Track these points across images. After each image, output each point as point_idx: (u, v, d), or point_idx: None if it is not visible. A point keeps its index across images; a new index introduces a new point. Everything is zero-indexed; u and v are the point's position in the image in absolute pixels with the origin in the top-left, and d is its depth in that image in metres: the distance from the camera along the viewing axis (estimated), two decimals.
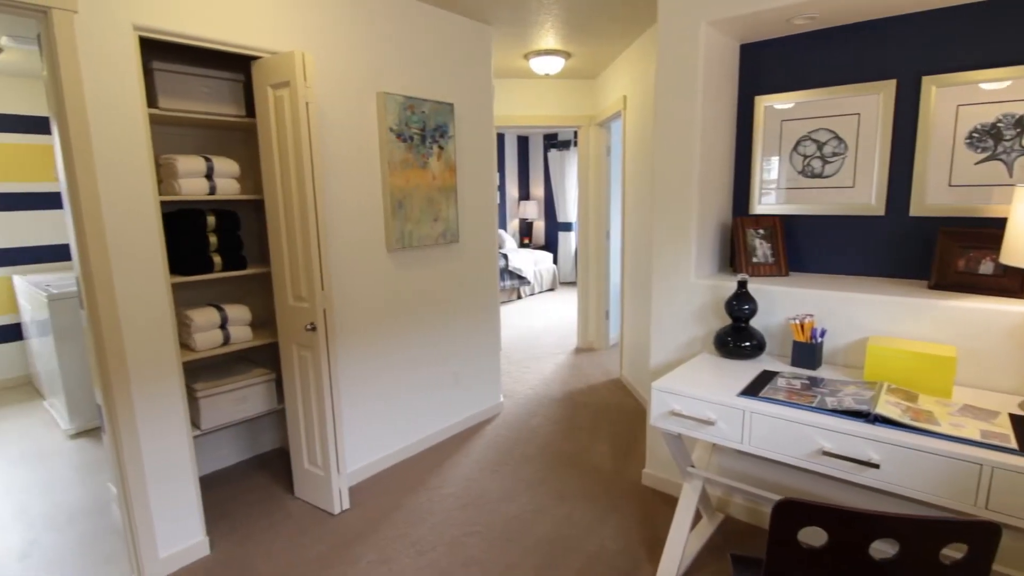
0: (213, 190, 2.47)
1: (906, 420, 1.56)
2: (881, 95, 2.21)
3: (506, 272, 7.60)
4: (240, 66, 2.66)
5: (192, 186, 2.39)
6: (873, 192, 2.27)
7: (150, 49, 2.33)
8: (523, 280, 7.81)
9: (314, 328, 2.43)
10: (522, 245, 9.51)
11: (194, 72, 2.39)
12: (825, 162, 2.37)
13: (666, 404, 1.94)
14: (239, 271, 2.59)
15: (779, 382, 1.91)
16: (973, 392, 1.81)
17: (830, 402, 1.71)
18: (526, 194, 9.73)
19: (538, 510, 2.62)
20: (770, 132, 2.49)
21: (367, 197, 2.82)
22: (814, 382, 1.91)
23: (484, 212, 3.53)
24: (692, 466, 2.14)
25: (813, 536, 1.98)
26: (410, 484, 2.88)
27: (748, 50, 2.51)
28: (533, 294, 8.21)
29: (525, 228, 9.60)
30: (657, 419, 1.97)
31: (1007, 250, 1.71)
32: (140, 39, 2.06)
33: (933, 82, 2.09)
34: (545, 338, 5.77)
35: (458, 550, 2.34)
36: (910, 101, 2.16)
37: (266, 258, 2.95)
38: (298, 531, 2.48)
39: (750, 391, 1.84)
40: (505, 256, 7.73)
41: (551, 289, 8.53)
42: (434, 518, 2.57)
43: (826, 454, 1.61)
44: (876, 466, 1.52)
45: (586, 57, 4.20)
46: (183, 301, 2.79)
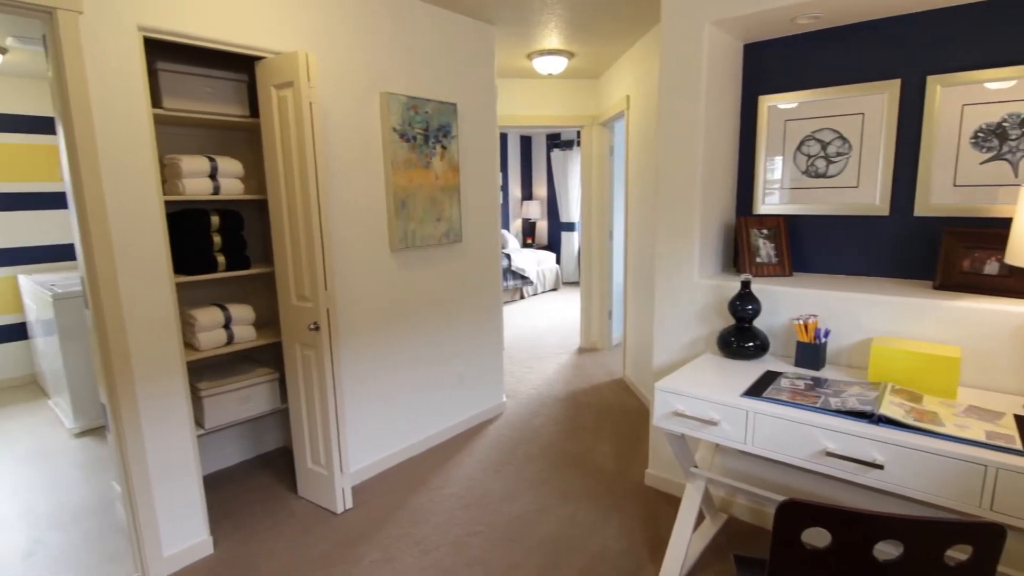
0: (217, 190, 2.47)
1: (910, 421, 1.55)
2: (885, 95, 2.20)
3: (509, 272, 7.60)
4: (244, 66, 2.67)
5: (196, 186, 2.40)
6: (877, 192, 2.26)
7: (154, 49, 2.33)
8: (526, 280, 7.81)
9: (317, 328, 2.43)
10: (525, 245, 9.51)
11: (198, 72, 2.39)
12: (829, 162, 2.37)
13: (669, 404, 1.94)
14: (243, 271, 2.60)
15: (783, 382, 1.91)
16: (978, 393, 1.81)
17: (834, 403, 1.71)
18: (529, 194, 9.73)
19: (541, 510, 2.62)
20: (774, 132, 2.49)
21: (370, 197, 2.82)
22: (818, 383, 1.90)
23: (487, 212, 3.54)
24: (695, 466, 2.13)
25: (817, 537, 1.98)
26: (413, 484, 2.88)
27: (752, 50, 2.50)
28: (536, 294, 8.21)
29: (528, 228, 9.60)
30: (660, 419, 1.97)
31: (1012, 250, 1.70)
32: (144, 39, 2.07)
33: (938, 81, 2.08)
34: (548, 338, 5.77)
35: (461, 550, 2.34)
36: (915, 101, 2.16)
37: (270, 258, 2.96)
38: (301, 530, 2.49)
39: (753, 391, 1.84)
40: (508, 256, 7.73)
41: (554, 289, 8.53)
42: (437, 518, 2.57)
43: (830, 455, 1.60)
44: (880, 467, 1.51)
45: (589, 57, 4.20)
46: (187, 300, 2.80)
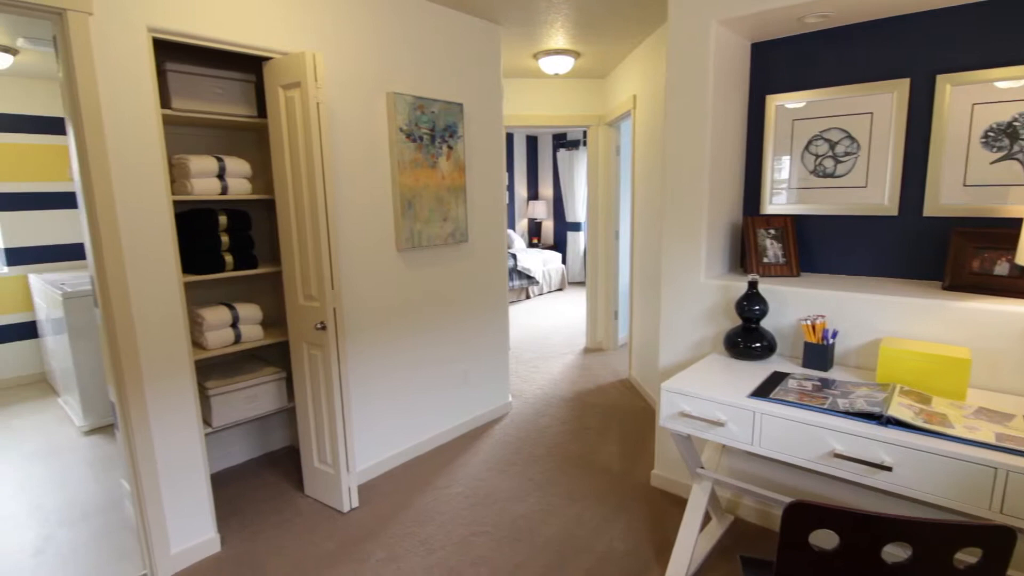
0: (225, 190, 2.49)
1: (919, 422, 1.54)
2: (895, 94, 2.18)
3: (515, 272, 7.60)
4: (252, 67, 2.68)
5: (204, 186, 2.41)
6: (886, 192, 2.25)
7: (163, 50, 2.35)
8: (532, 280, 7.81)
9: (324, 327, 2.44)
10: (531, 245, 9.51)
11: (207, 73, 2.41)
12: (837, 161, 2.35)
13: (675, 405, 1.93)
14: (250, 270, 2.61)
15: (790, 383, 1.90)
16: (988, 394, 1.79)
17: (842, 404, 1.70)
18: (535, 194, 9.73)
19: (547, 510, 2.62)
20: (781, 131, 2.48)
21: (377, 197, 2.83)
22: (825, 384, 1.89)
23: (493, 212, 3.54)
24: (701, 467, 2.13)
25: (824, 539, 1.97)
26: (419, 483, 2.89)
27: (759, 49, 2.49)
28: (542, 294, 8.21)
29: (534, 228, 9.60)
30: (666, 420, 1.97)
31: (1023, 251, 1.69)
32: (154, 40, 2.08)
33: (948, 81, 2.07)
34: (554, 338, 5.77)
35: (467, 549, 2.34)
36: (924, 100, 2.14)
37: (277, 257, 2.98)
38: (308, 529, 2.50)
39: (760, 392, 1.83)
40: (514, 256, 7.74)
41: (560, 289, 8.53)
42: (443, 517, 2.58)
43: (838, 456, 1.59)
44: (889, 469, 1.50)
45: (596, 56, 4.19)
46: (195, 300, 2.82)
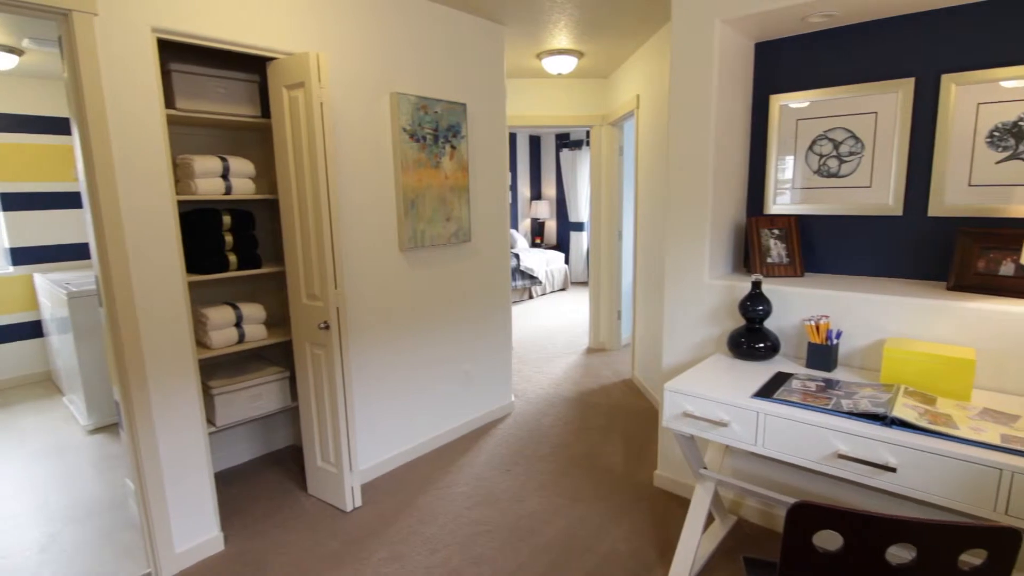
0: (229, 190, 2.49)
1: (923, 423, 1.54)
2: (899, 93, 2.18)
3: (518, 272, 7.60)
4: (256, 67, 2.69)
5: (208, 186, 2.42)
6: (891, 192, 2.24)
7: (167, 50, 2.36)
8: (535, 280, 7.81)
9: (327, 326, 2.45)
10: (534, 245, 9.51)
11: (211, 73, 2.42)
12: (841, 161, 2.35)
13: (679, 405, 1.93)
14: (254, 270, 2.62)
15: (794, 384, 1.90)
16: (993, 395, 1.78)
17: (846, 404, 1.69)
18: (538, 194, 9.72)
19: (549, 510, 2.62)
20: (785, 131, 2.47)
21: (380, 197, 2.84)
22: (829, 384, 1.89)
23: (496, 212, 3.54)
24: (704, 468, 2.12)
25: (828, 540, 1.97)
26: (421, 482, 2.89)
27: (763, 48, 2.49)
28: (544, 294, 8.21)
29: (537, 228, 9.60)
30: (669, 420, 1.96)
31: None
32: (158, 41, 2.09)
33: (953, 80, 2.06)
34: (556, 338, 5.77)
35: (469, 549, 2.35)
36: (929, 99, 2.13)
37: (280, 257, 2.98)
38: (311, 528, 2.50)
39: (764, 393, 1.83)
40: (517, 256, 7.74)
41: (562, 289, 8.52)
42: (445, 517, 2.58)
43: (841, 457, 1.59)
44: (893, 470, 1.50)
45: (599, 56, 4.19)
46: (199, 299, 2.83)
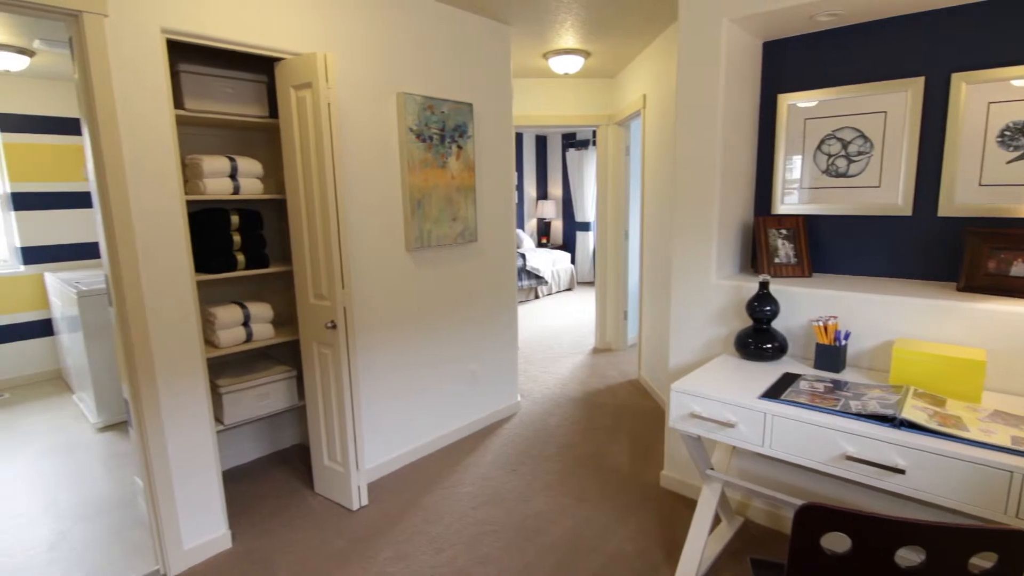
0: (237, 190, 2.51)
1: (933, 425, 1.53)
2: (909, 92, 2.16)
3: (524, 272, 7.60)
4: (264, 67, 2.70)
5: (217, 186, 2.44)
6: (900, 192, 2.22)
7: (176, 51, 2.37)
8: (541, 280, 7.80)
9: (334, 326, 2.45)
10: (540, 245, 9.50)
11: (219, 74, 2.43)
12: (850, 161, 2.33)
13: (685, 406, 1.93)
14: (262, 269, 2.63)
15: (801, 385, 1.89)
16: (1003, 397, 1.77)
17: (854, 406, 1.68)
18: (544, 194, 9.72)
19: (555, 510, 2.62)
20: (793, 131, 2.46)
21: (387, 197, 2.84)
22: (838, 385, 1.87)
23: (502, 212, 3.54)
24: (711, 469, 2.12)
25: (836, 542, 1.95)
26: (427, 482, 2.90)
27: (771, 48, 2.47)
28: (551, 294, 8.20)
29: (543, 228, 9.59)
30: (676, 421, 1.96)
31: None
32: (167, 41, 2.10)
33: (963, 79, 2.04)
34: (563, 338, 5.76)
35: (475, 549, 2.35)
36: (939, 98, 2.11)
37: (288, 257, 3.00)
38: (317, 526, 2.51)
39: (771, 393, 1.82)
40: (523, 256, 7.73)
41: (569, 289, 8.51)
42: (451, 516, 2.58)
43: (850, 459, 1.58)
44: (902, 472, 1.49)
45: (605, 56, 4.18)
46: (207, 298, 2.85)
